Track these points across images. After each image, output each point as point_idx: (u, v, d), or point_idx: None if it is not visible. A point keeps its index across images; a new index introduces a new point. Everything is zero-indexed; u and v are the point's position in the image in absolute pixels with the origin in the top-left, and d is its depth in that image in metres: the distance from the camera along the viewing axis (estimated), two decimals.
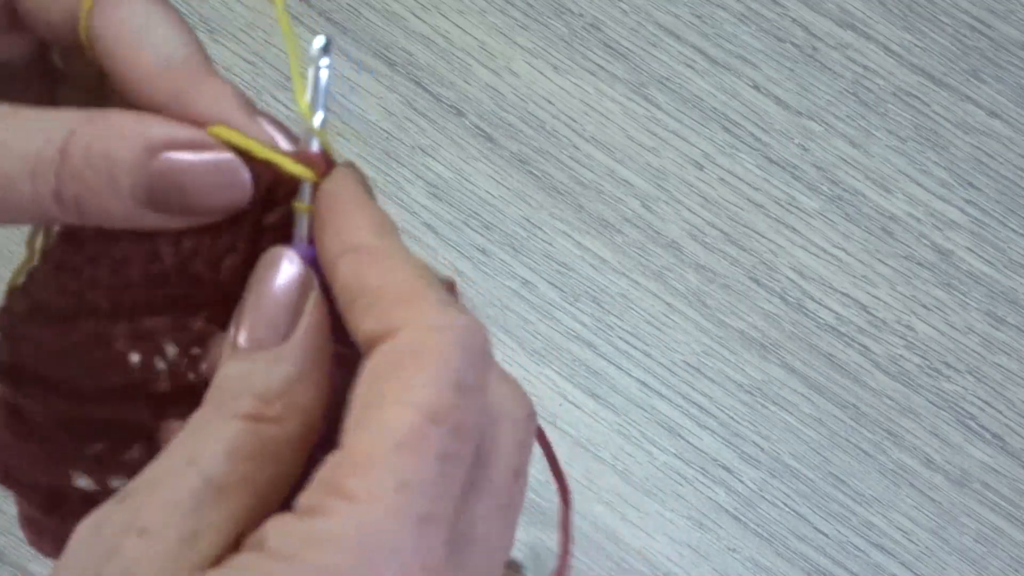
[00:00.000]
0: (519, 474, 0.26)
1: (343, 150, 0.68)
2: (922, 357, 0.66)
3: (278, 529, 0.23)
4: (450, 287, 0.28)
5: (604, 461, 0.64)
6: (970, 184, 0.69)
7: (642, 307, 0.66)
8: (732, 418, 0.65)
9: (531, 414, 0.27)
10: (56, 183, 0.25)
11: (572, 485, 0.65)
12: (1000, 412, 0.66)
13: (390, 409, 0.23)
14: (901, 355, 0.66)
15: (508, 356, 0.65)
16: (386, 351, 0.25)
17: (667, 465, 0.64)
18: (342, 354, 0.27)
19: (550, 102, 0.69)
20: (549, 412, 0.65)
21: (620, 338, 0.66)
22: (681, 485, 0.64)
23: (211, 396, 0.25)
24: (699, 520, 0.64)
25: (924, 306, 0.67)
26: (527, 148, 0.68)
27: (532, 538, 0.60)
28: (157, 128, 0.26)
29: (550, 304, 0.66)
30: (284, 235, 0.28)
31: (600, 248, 0.67)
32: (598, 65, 0.70)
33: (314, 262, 0.27)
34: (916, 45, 0.70)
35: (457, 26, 0.70)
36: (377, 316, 0.25)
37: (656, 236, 0.67)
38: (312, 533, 0.22)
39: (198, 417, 0.25)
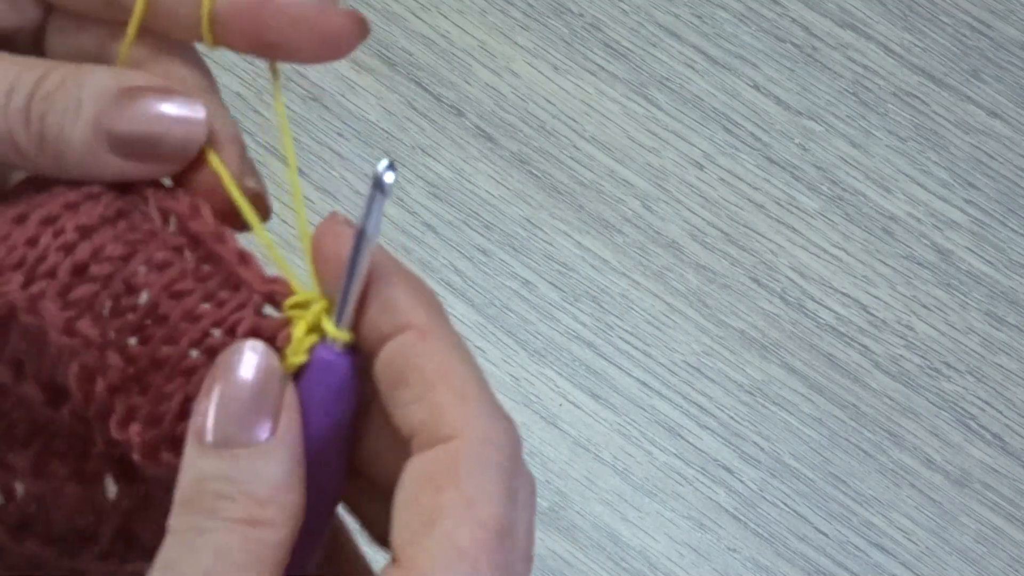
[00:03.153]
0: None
1: (343, 150, 0.68)
2: (922, 357, 0.66)
3: None
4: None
5: (604, 461, 0.64)
6: (970, 184, 0.69)
7: (642, 307, 0.66)
8: (732, 418, 0.65)
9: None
10: (26, 102, 0.26)
11: (572, 485, 0.65)
12: (1000, 412, 0.66)
13: (456, 527, 0.24)
14: (901, 355, 0.66)
15: (508, 356, 0.65)
16: (442, 458, 0.25)
17: (667, 465, 0.64)
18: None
19: (550, 102, 0.69)
20: (549, 412, 0.65)
21: (620, 338, 0.66)
22: (681, 485, 0.64)
23: (191, 498, 0.24)
24: (699, 520, 0.64)
25: (924, 306, 0.67)
26: (527, 148, 0.68)
27: None
28: (131, 75, 0.27)
29: (550, 304, 0.66)
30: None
31: (600, 248, 0.67)
32: (598, 65, 0.70)
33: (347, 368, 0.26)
34: (916, 45, 0.70)
35: (457, 26, 0.70)
36: (429, 408, 0.25)
37: (656, 236, 0.67)
38: None
39: (184, 523, 0.24)
